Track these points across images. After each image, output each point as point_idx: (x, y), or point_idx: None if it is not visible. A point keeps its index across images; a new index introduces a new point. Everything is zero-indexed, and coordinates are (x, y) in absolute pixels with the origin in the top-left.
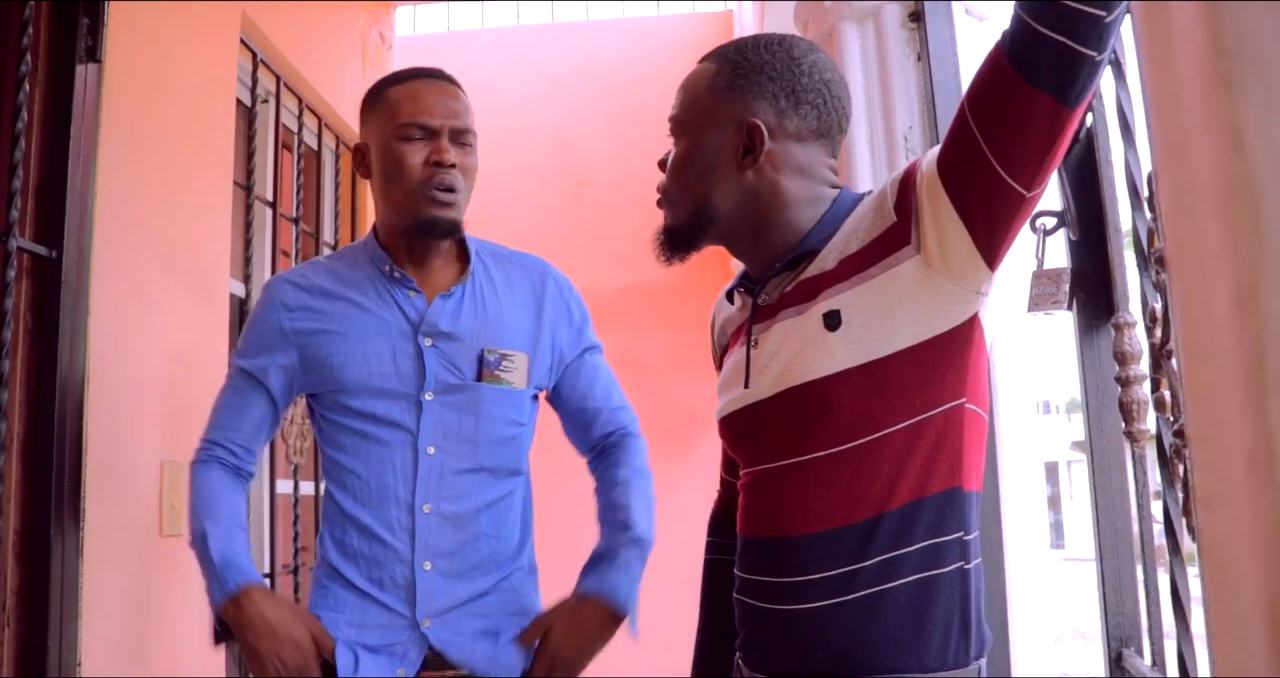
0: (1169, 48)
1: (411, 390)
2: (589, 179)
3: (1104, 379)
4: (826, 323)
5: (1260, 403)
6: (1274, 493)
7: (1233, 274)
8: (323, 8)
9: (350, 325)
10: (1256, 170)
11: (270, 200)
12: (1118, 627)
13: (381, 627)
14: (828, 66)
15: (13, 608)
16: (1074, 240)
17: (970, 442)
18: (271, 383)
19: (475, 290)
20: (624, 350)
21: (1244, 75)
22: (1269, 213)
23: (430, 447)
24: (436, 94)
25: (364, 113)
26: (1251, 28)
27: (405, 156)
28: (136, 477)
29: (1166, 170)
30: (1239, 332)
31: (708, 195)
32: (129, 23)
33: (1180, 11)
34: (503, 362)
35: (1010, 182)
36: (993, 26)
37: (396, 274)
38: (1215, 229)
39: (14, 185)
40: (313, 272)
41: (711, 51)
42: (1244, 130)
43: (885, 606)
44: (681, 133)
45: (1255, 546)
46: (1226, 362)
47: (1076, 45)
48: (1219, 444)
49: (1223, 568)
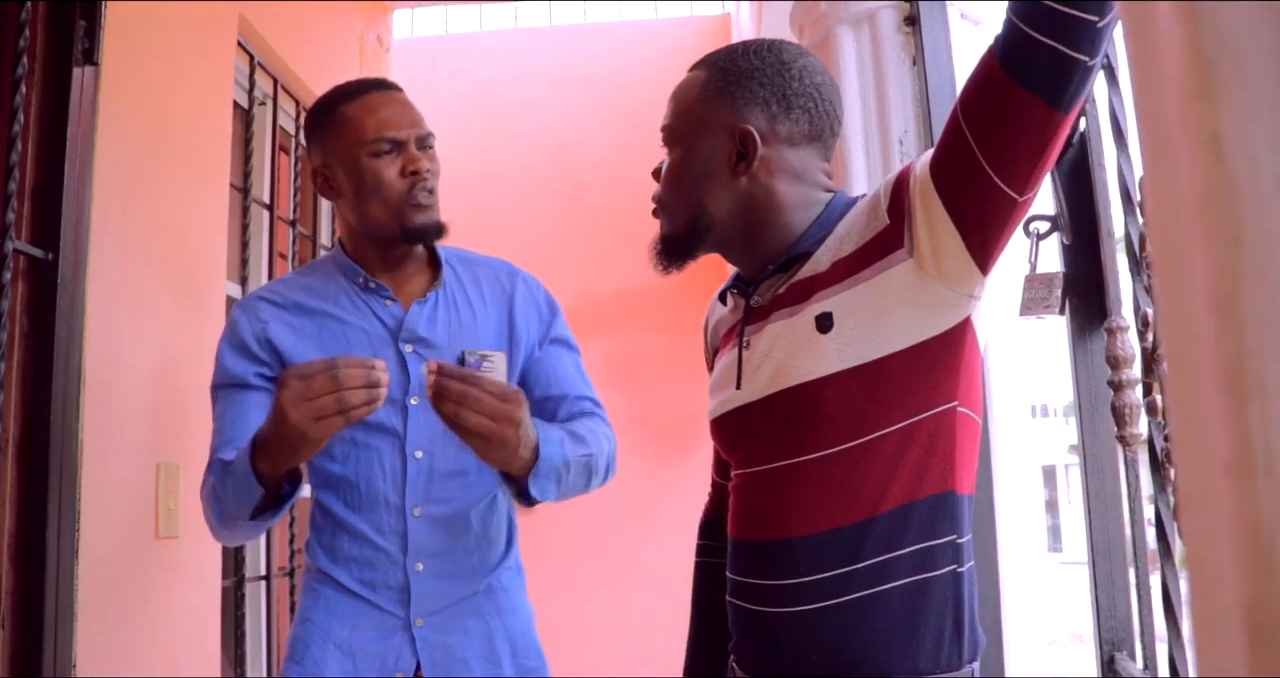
0: (1154, 55)
1: (397, 396)
2: (586, 182)
3: (1097, 383)
4: (819, 325)
5: (1238, 411)
6: (1251, 500)
7: (1212, 281)
8: (320, 10)
9: (331, 338)
10: (1236, 178)
11: (267, 203)
12: (1110, 631)
13: (375, 628)
14: (818, 70)
15: (8, 610)
16: (1067, 244)
17: (963, 445)
18: (258, 382)
19: (448, 295)
20: (619, 353)
21: (1224, 84)
22: (1248, 221)
23: (418, 451)
24: (394, 105)
25: (316, 132)
26: (1232, 37)
27: (381, 171)
28: (132, 479)
29: (1152, 177)
30: (1218, 339)
31: (703, 203)
32: (126, 25)
33: (1164, 20)
34: (483, 362)
35: (1002, 186)
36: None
37: (371, 284)
38: (1196, 236)
39: (10, 188)
40: (285, 288)
41: (701, 60)
42: (1224, 139)
43: (878, 608)
44: (674, 141)
45: (1234, 551)
46: (1206, 369)
47: (1068, 50)
48: (1199, 451)
49: (1204, 573)
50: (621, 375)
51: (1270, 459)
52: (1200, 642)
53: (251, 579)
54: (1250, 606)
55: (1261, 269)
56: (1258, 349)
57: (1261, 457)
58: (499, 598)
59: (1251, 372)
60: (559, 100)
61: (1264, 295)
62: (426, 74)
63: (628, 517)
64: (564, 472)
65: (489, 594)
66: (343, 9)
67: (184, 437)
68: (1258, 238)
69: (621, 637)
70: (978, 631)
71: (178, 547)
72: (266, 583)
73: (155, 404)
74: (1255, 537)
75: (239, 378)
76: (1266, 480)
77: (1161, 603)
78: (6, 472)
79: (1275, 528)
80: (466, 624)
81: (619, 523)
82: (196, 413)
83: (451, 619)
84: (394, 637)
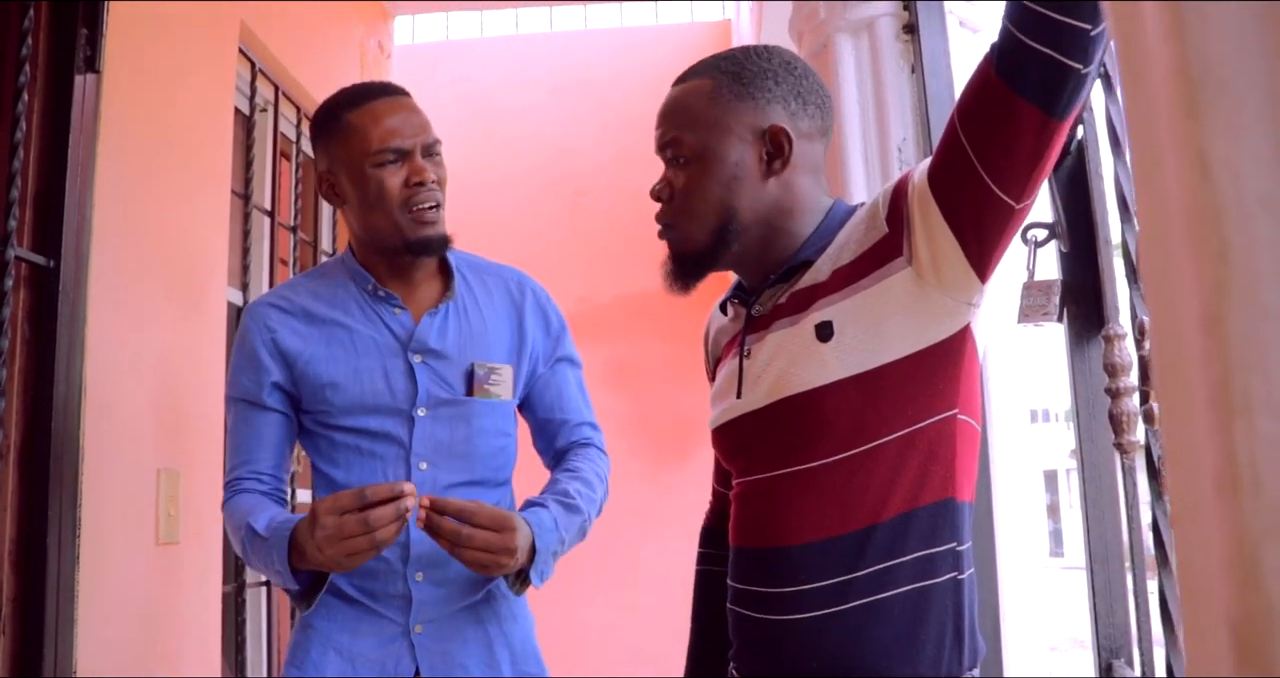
0: (1143, 73)
1: (404, 406)
2: (586, 188)
3: (1094, 391)
4: (819, 334)
5: (1225, 426)
6: (1238, 514)
7: (1200, 298)
8: (322, 17)
9: (340, 346)
10: (1221, 196)
11: (268, 209)
12: (1108, 637)
13: (374, 634)
14: (812, 68)
15: (9, 616)
16: (1065, 252)
17: (963, 452)
18: (271, 400)
19: (459, 306)
20: (620, 358)
21: (1210, 103)
22: (1234, 239)
23: (423, 462)
24: (400, 113)
25: (321, 138)
26: (1217, 56)
27: (385, 181)
28: (133, 485)
29: (1143, 193)
30: (1205, 355)
31: (733, 209)
32: (128, 32)
33: (1152, 38)
34: (491, 376)
35: (999, 193)
36: (987, 37)
37: (381, 293)
38: (1185, 253)
39: (12, 195)
40: (293, 293)
41: (694, 70)
42: (1209, 157)
43: (878, 616)
44: (692, 154)
45: (1222, 567)
46: (1195, 385)
47: (1063, 58)
48: (1190, 466)
49: (1194, 587)
50: (622, 380)
51: (1256, 476)
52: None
53: (252, 585)
54: (1238, 621)
55: (1248, 287)
56: (1244, 366)
57: (1248, 473)
58: (499, 605)
59: (1238, 389)
60: (559, 106)
61: (1250, 313)
62: (427, 80)
63: (628, 521)
64: (560, 549)
65: (489, 602)
66: (344, 15)
67: (185, 443)
68: (1244, 256)
69: (621, 640)
70: (977, 637)
71: (178, 553)
72: (267, 589)
73: (156, 411)
74: (1241, 552)
75: (252, 395)
76: (1253, 497)
77: (1159, 610)
78: (7, 478)
79: (1261, 544)
80: (466, 631)
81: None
82: (197, 419)
83: (451, 626)
84: (394, 643)
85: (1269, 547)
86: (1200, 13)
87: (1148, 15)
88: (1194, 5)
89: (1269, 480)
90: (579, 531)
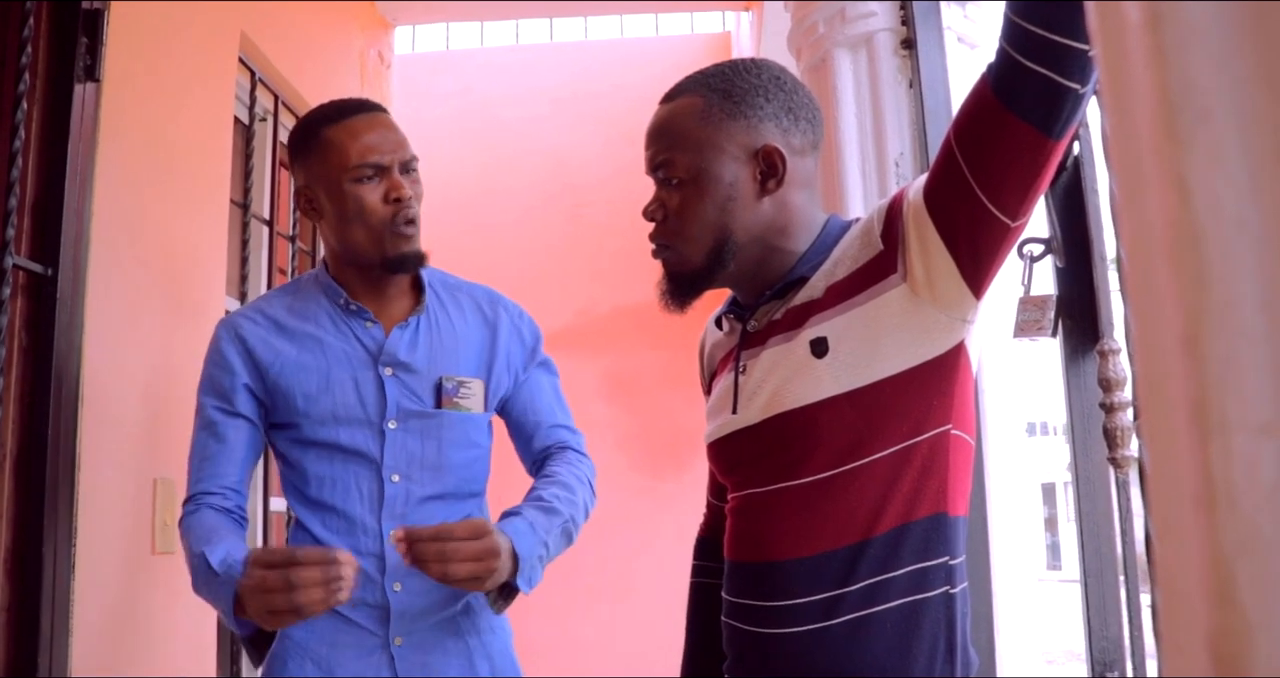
0: (1127, 100)
1: (374, 419)
2: (586, 200)
3: (1089, 405)
4: (814, 350)
5: (1203, 446)
6: (1214, 531)
7: (1179, 320)
8: (322, 27)
9: (311, 358)
10: (1201, 221)
11: (267, 218)
12: (1102, 650)
13: (353, 646)
14: (800, 83)
15: (4, 624)
16: (1060, 267)
17: (956, 467)
18: (241, 404)
19: (430, 320)
20: (618, 369)
21: (1190, 130)
22: (1213, 263)
23: (395, 474)
24: (378, 129)
25: (299, 154)
26: (1199, 85)
27: (363, 198)
28: (129, 494)
29: (1125, 216)
30: (1184, 376)
31: (729, 230)
32: (128, 42)
33: (1136, 66)
34: (460, 389)
35: (994, 211)
36: (984, 54)
37: (353, 306)
38: (1165, 276)
39: (10, 203)
40: (267, 306)
41: (681, 87)
42: (1189, 183)
43: (871, 629)
44: (685, 176)
45: (1199, 583)
46: (1174, 403)
47: (1061, 79)
48: (1170, 482)
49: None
50: (619, 391)
51: (1231, 493)
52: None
53: None
54: (1214, 635)
55: (1225, 310)
56: (1220, 387)
57: (1223, 491)
58: (477, 617)
59: (1214, 408)
60: (560, 118)
61: (1227, 336)
62: (427, 91)
63: (623, 531)
64: (545, 552)
65: (468, 613)
66: (344, 26)
67: (181, 453)
68: (1222, 280)
69: (617, 651)
70: (970, 651)
71: (173, 562)
72: None
73: (153, 420)
74: (1217, 569)
75: (223, 396)
76: (1228, 514)
77: (1152, 623)
78: (3, 487)
79: (1236, 561)
80: (445, 643)
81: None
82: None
83: (430, 638)
84: (372, 655)
85: (1243, 563)
86: (1182, 42)
87: (1131, 43)
88: (1176, 34)
89: (1244, 498)
90: (562, 533)
